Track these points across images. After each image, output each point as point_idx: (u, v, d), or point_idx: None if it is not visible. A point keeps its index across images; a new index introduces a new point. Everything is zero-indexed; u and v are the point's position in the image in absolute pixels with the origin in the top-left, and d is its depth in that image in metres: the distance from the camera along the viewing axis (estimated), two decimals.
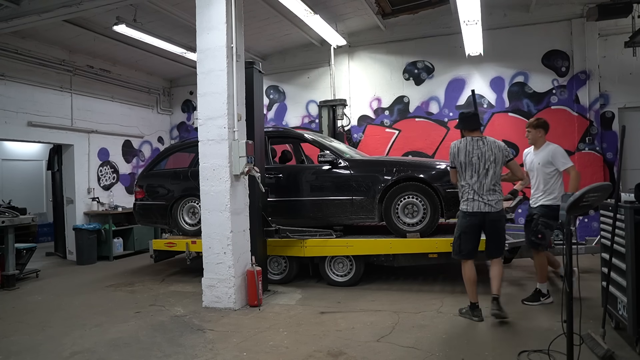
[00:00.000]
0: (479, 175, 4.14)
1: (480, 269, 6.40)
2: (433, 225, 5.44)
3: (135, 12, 6.95)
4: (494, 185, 4.15)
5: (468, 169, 4.17)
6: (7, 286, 6.25)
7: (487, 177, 4.13)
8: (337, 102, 8.65)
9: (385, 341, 3.80)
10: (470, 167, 4.16)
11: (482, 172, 4.13)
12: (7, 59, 7.44)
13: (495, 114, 8.29)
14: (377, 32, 8.85)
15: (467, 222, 4.19)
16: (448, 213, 5.40)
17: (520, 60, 8.12)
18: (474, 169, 4.15)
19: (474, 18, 6.44)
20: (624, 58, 7.62)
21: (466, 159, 4.17)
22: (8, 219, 6.25)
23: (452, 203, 5.33)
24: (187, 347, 3.82)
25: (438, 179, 5.41)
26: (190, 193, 6.36)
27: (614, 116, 7.75)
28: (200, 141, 5.06)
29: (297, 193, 5.98)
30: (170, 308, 5.08)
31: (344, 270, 5.75)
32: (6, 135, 7.65)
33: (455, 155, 4.24)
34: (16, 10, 6.08)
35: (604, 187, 2.80)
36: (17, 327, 4.60)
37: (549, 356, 3.25)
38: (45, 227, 10.82)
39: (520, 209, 8.12)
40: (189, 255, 6.20)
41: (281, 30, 8.54)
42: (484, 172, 4.13)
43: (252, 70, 5.33)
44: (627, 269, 3.26)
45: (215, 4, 4.88)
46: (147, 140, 10.45)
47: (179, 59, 9.06)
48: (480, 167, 4.14)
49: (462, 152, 4.20)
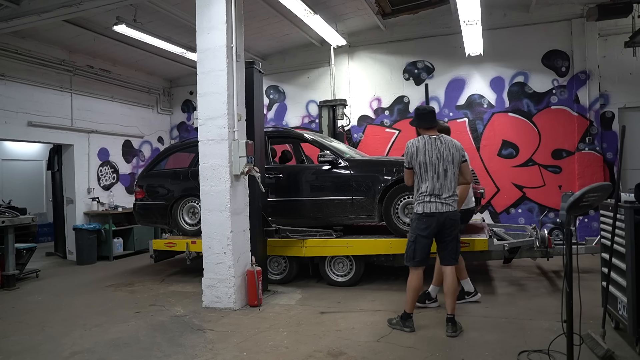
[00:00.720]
0: (439, 175, 3.91)
1: (480, 269, 6.41)
2: None
3: (135, 12, 6.95)
4: (452, 186, 3.94)
5: (429, 169, 3.92)
6: (7, 286, 6.25)
7: (446, 178, 3.91)
8: (337, 102, 8.65)
9: (385, 341, 3.80)
10: (430, 167, 3.91)
11: (442, 172, 3.91)
12: (7, 59, 7.44)
13: (495, 114, 8.30)
14: (377, 32, 8.85)
15: (424, 225, 3.92)
16: None
17: (520, 60, 8.12)
18: (434, 169, 3.91)
19: (474, 18, 6.43)
20: (624, 58, 7.62)
21: (425, 158, 3.92)
22: (8, 219, 6.25)
23: None
24: (187, 347, 3.82)
25: None
26: (190, 193, 6.36)
27: (614, 116, 7.75)
28: (200, 141, 5.06)
29: (297, 193, 5.98)
30: (170, 308, 5.08)
31: (344, 270, 5.75)
32: (6, 135, 7.65)
33: (414, 155, 3.97)
34: (16, 10, 6.08)
35: (604, 187, 2.80)
36: (17, 327, 4.60)
37: (549, 356, 3.24)
38: (45, 227, 10.81)
39: (521, 209, 8.15)
40: (189, 255, 6.20)
41: (281, 30, 8.54)
42: (443, 172, 3.91)
43: (252, 70, 5.33)
44: (627, 269, 3.25)
45: (215, 4, 4.88)
46: (147, 140, 10.45)
47: (179, 59, 9.06)
48: (440, 167, 3.91)
49: (421, 151, 3.94)
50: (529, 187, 8.12)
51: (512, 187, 8.19)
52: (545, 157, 8.01)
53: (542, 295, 5.02)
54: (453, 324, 3.86)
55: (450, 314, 3.89)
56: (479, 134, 8.36)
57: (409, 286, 4.02)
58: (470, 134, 8.42)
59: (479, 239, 5.28)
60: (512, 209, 8.19)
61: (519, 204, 8.16)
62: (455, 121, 8.47)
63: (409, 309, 4.02)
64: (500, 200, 8.29)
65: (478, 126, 8.39)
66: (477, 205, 5.53)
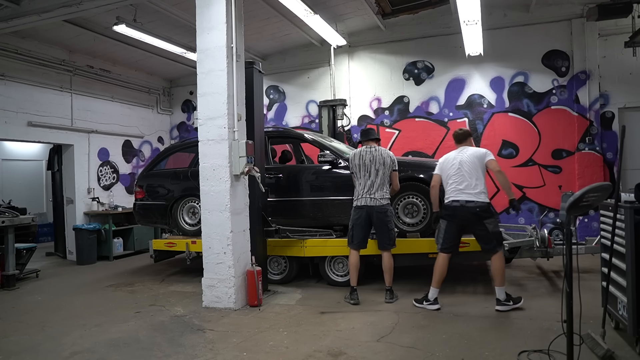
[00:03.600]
0: (370, 174, 4.89)
1: (480, 269, 6.41)
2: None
3: (135, 12, 6.95)
4: (381, 184, 4.88)
5: (362, 169, 4.94)
6: (7, 286, 6.25)
7: (377, 177, 4.88)
8: (337, 102, 8.64)
9: (385, 341, 3.80)
10: (364, 167, 4.93)
11: (373, 172, 4.89)
12: (7, 59, 7.44)
13: (495, 114, 8.29)
14: (377, 32, 8.85)
15: (357, 215, 4.95)
16: None
17: (520, 60, 8.11)
18: (366, 169, 4.91)
19: (474, 18, 6.44)
20: (624, 58, 7.62)
21: (360, 161, 4.95)
22: (8, 219, 6.25)
23: None
24: (187, 347, 3.82)
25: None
26: (190, 193, 6.36)
27: (614, 116, 7.75)
28: (200, 141, 5.06)
29: (297, 193, 5.98)
30: (170, 308, 5.08)
31: (344, 270, 5.74)
32: (6, 135, 7.65)
33: (352, 159, 5.03)
34: (16, 10, 6.08)
35: (604, 187, 2.80)
36: (17, 327, 4.60)
37: (549, 356, 3.25)
38: (45, 227, 10.82)
39: (521, 209, 8.14)
40: (189, 255, 6.20)
41: (281, 30, 8.54)
42: (375, 172, 4.89)
43: (252, 70, 5.33)
44: (627, 269, 3.26)
45: (215, 4, 4.88)
46: (147, 140, 10.45)
47: (179, 59, 9.06)
48: (372, 168, 4.90)
49: (357, 156, 5.00)
50: (529, 187, 8.12)
51: (512, 187, 8.17)
52: (545, 157, 8.01)
53: (542, 295, 5.02)
54: (390, 292, 4.96)
55: (388, 286, 4.98)
56: (479, 134, 8.36)
57: (350, 264, 5.02)
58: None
59: None
60: (512, 209, 8.16)
61: (519, 204, 8.14)
62: (455, 121, 8.48)
63: (353, 282, 4.99)
64: (500, 200, 8.28)
65: (478, 126, 8.39)
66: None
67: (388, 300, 4.93)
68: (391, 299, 4.94)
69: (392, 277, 5.00)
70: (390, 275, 5.00)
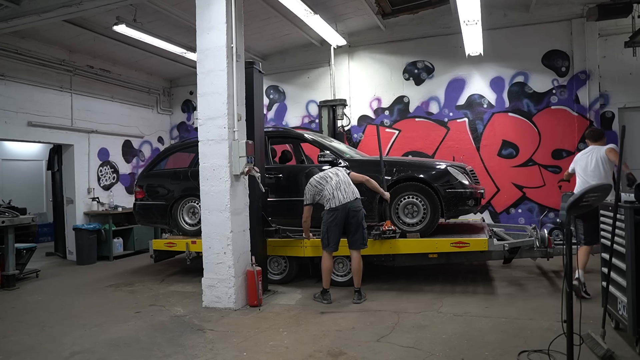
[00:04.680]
0: (332, 180, 5.10)
1: (480, 269, 6.41)
2: (433, 225, 5.44)
3: (135, 12, 6.95)
4: (349, 183, 5.11)
5: (324, 183, 5.13)
6: (7, 286, 6.25)
7: (341, 181, 5.10)
8: (337, 102, 8.65)
9: (385, 341, 3.80)
10: (324, 181, 5.14)
11: (335, 178, 5.12)
12: (7, 59, 7.44)
13: (495, 114, 8.29)
14: (377, 32, 8.85)
15: (331, 216, 5.01)
16: (448, 213, 5.41)
17: (520, 60, 8.11)
18: (326, 181, 5.12)
19: (474, 18, 6.43)
20: (624, 58, 7.61)
21: (322, 181, 5.15)
22: (8, 219, 6.25)
23: (452, 203, 5.34)
24: (187, 347, 3.82)
25: (438, 179, 5.41)
26: (190, 193, 6.36)
27: (614, 116, 7.75)
28: (200, 141, 5.06)
29: (298, 193, 5.95)
30: (170, 308, 5.08)
31: (344, 270, 5.74)
32: (6, 135, 7.65)
33: (313, 185, 5.20)
34: (16, 10, 6.07)
35: (604, 187, 2.80)
36: (17, 327, 4.60)
37: (549, 356, 3.24)
38: (45, 227, 10.81)
39: (521, 209, 8.15)
40: (189, 255, 6.20)
41: (281, 30, 8.54)
42: (337, 179, 5.12)
43: (252, 70, 5.33)
44: (627, 269, 3.26)
45: (215, 4, 4.88)
46: (147, 140, 10.45)
47: (179, 59, 9.05)
48: (334, 179, 5.12)
49: (318, 180, 5.20)
50: (529, 187, 8.12)
51: (512, 187, 8.19)
52: (545, 157, 8.01)
53: (542, 295, 5.02)
54: (358, 294, 5.01)
55: (357, 287, 5.04)
56: (479, 134, 8.36)
57: (323, 267, 5.09)
58: (470, 134, 8.42)
59: (479, 239, 5.28)
60: (512, 209, 8.19)
61: (519, 204, 8.17)
62: (455, 121, 8.47)
63: (326, 285, 5.10)
64: (500, 200, 8.29)
65: (478, 126, 8.39)
66: (477, 205, 5.54)
67: (356, 301, 4.94)
68: (359, 299, 4.95)
69: (360, 278, 5.04)
70: (359, 276, 5.03)
